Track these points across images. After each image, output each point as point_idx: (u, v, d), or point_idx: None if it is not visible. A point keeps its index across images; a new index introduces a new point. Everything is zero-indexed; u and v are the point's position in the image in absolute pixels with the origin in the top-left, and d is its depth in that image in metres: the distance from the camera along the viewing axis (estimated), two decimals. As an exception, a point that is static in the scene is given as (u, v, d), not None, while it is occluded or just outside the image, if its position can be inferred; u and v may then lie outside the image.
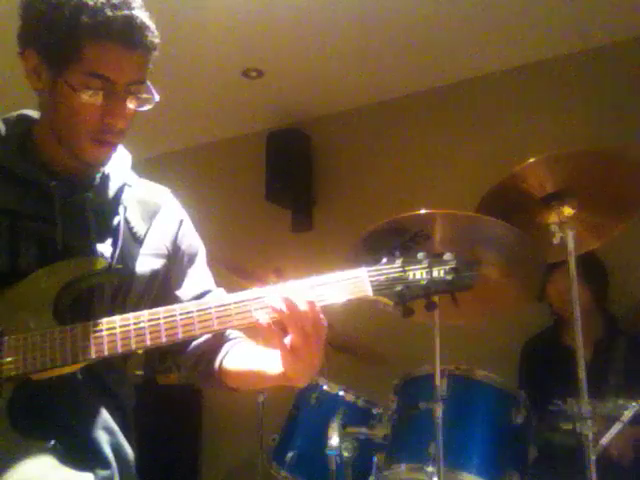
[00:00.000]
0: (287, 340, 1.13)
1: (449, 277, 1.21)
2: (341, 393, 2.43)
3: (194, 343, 1.37)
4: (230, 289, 1.26)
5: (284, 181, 4.00)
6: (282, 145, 4.04)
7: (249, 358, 1.30)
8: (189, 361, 1.39)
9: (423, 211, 1.86)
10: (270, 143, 4.09)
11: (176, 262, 1.38)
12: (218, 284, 1.46)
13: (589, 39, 3.30)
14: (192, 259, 1.42)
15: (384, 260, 1.21)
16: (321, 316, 1.12)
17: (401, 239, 1.67)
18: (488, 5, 3.06)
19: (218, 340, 1.36)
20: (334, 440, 2.17)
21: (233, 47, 3.41)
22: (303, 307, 1.11)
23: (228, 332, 1.36)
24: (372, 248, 1.79)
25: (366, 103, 3.95)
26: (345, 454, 2.18)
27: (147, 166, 1.43)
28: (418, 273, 1.21)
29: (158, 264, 1.34)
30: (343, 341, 2.89)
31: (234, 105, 4.02)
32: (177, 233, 1.39)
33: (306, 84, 3.79)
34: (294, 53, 3.47)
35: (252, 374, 1.28)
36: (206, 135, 4.41)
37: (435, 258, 1.22)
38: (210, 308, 1.16)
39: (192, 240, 1.43)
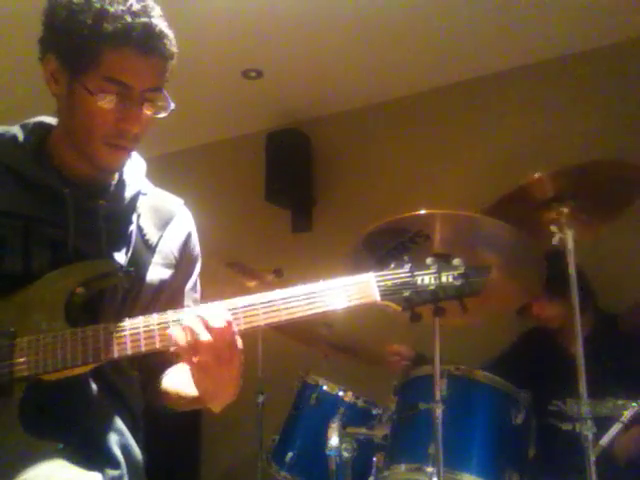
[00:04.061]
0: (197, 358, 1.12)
1: (458, 283, 1.21)
2: (341, 393, 2.44)
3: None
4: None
5: (284, 181, 4.00)
6: (282, 145, 4.04)
7: (176, 379, 1.31)
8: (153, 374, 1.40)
9: (423, 211, 1.87)
10: (270, 143, 4.08)
11: (179, 273, 1.39)
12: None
13: (589, 40, 3.30)
14: (190, 273, 1.43)
15: (392, 265, 1.22)
16: (236, 338, 1.11)
17: (401, 239, 1.67)
18: (490, 5, 3.05)
19: (170, 360, 1.36)
20: (334, 440, 2.17)
21: (233, 47, 3.41)
22: (217, 325, 1.09)
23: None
24: (372, 248, 1.80)
25: (366, 103, 3.95)
26: (345, 454, 2.19)
27: (147, 167, 1.43)
28: (426, 278, 1.21)
29: (167, 274, 1.35)
30: (343, 341, 2.89)
31: (234, 105, 4.02)
32: (184, 245, 1.41)
33: (306, 84, 3.79)
34: (294, 53, 3.47)
35: (176, 395, 1.29)
36: (206, 135, 4.41)
37: (444, 263, 1.22)
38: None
39: (195, 254, 1.45)
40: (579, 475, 1.78)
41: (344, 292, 1.17)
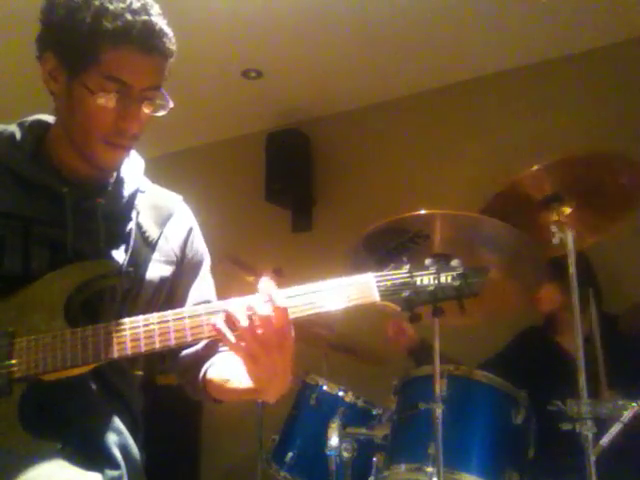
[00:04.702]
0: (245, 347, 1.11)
1: (456, 283, 1.22)
2: (341, 393, 2.43)
3: (185, 351, 1.38)
4: (234, 285, 1.26)
5: (284, 181, 4.00)
6: (282, 145, 4.04)
7: (228, 370, 1.29)
8: (179, 367, 1.40)
9: (423, 211, 1.87)
10: (270, 144, 4.09)
11: (182, 270, 1.39)
12: (224, 281, 1.46)
13: (589, 40, 3.30)
14: (197, 268, 1.43)
15: (391, 266, 1.22)
16: (286, 325, 1.10)
17: (401, 239, 1.67)
18: (488, 5, 3.05)
19: (209, 351, 1.36)
20: (334, 440, 2.17)
21: (233, 48, 3.41)
22: (264, 313, 1.09)
23: (221, 344, 1.36)
24: (372, 248, 1.80)
25: (366, 103, 3.95)
26: (345, 454, 2.19)
27: (147, 167, 1.43)
28: (425, 279, 1.22)
29: (167, 271, 1.35)
30: (343, 341, 2.89)
31: (234, 106, 4.02)
32: (186, 241, 1.40)
33: (305, 85, 3.79)
34: (294, 54, 3.47)
35: (229, 386, 1.28)
36: (206, 136, 4.41)
37: (442, 264, 1.23)
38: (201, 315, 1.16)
39: (199, 249, 1.44)
40: (579, 475, 1.78)
41: (344, 292, 1.17)
